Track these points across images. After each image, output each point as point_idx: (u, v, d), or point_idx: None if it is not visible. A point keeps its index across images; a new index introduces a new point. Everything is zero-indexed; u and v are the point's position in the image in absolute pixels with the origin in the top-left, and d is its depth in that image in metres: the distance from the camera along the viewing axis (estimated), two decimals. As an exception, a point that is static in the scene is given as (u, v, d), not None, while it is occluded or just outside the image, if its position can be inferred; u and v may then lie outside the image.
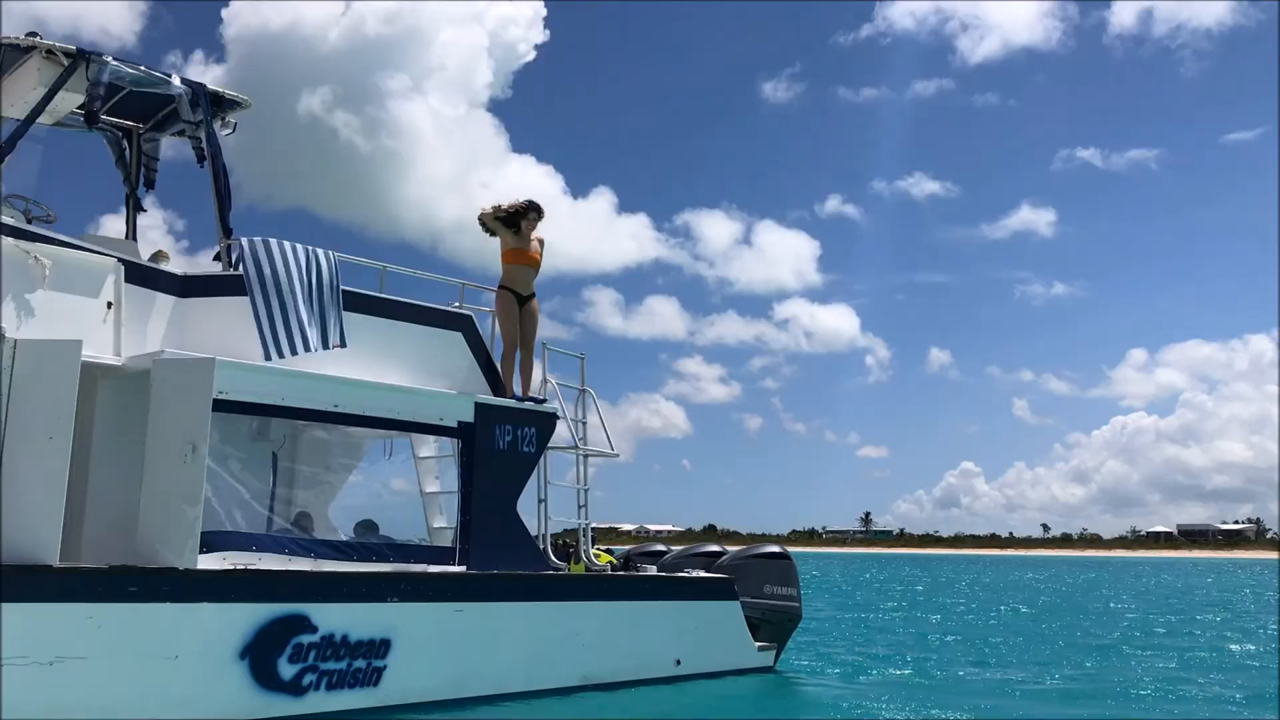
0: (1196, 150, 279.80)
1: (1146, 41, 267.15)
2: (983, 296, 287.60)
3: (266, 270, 9.57)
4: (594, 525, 12.58)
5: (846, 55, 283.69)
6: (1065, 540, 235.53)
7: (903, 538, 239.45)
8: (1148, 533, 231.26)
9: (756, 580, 13.17)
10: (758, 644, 12.93)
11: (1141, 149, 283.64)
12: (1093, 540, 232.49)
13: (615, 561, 13.05)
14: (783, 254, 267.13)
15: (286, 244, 9.80)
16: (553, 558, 11.76)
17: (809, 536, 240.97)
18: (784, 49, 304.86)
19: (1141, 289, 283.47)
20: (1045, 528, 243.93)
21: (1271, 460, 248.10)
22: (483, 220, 11.71)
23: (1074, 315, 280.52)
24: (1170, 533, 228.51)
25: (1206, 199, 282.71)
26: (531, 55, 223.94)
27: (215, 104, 10.62)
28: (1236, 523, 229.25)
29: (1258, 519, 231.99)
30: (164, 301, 9.55)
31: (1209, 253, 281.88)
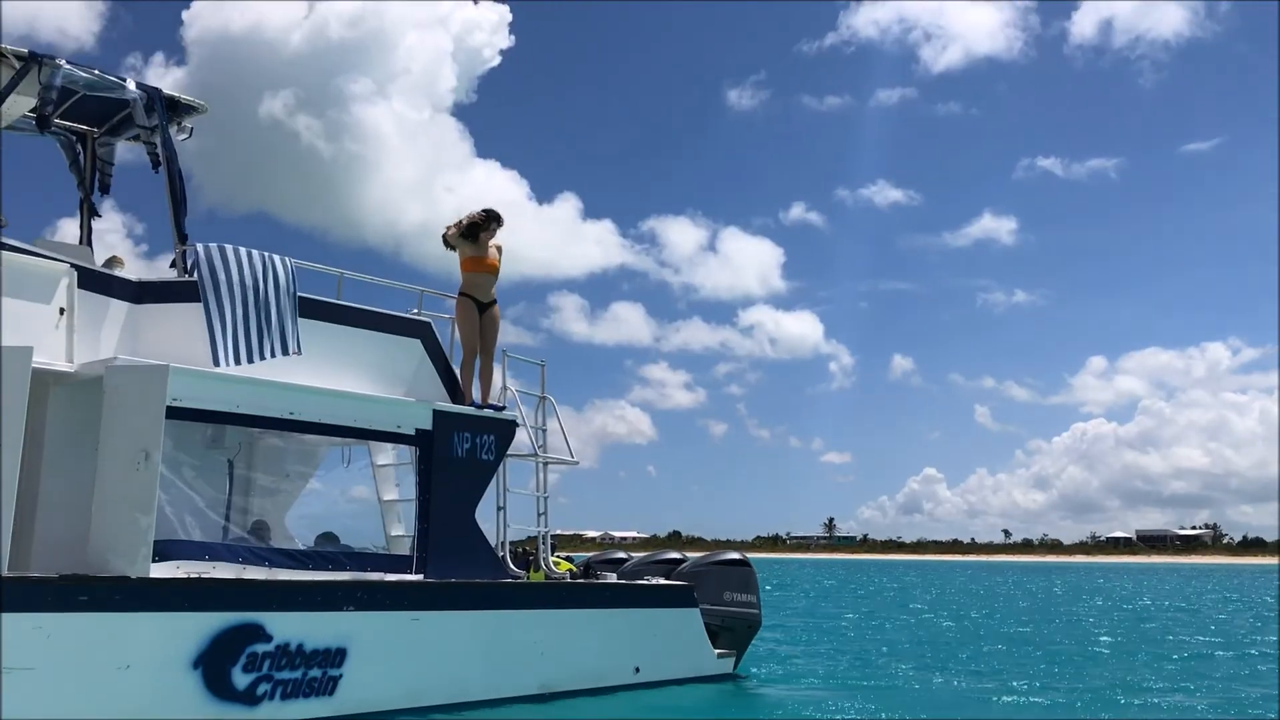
0: (1154, 160, 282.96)
1: (1106, 52, 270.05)
2: (945, 304, 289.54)
3: (221, 276, 9.50)
4: (558, 532, 12.58)
5: (810, 63, 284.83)
6: (1026, 546, 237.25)
7: (866, 544, 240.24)
8: (1107, 538, 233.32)
9: (716, 587, 13.19)
10: (717, 651, 12.94)
11: (1101, 158, 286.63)
12: (1053, 546, 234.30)
13: (575, 569, 13.04)
14: (747, 261, 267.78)
15: (242, 250, 9.74)
16: (512, 566, 11.73)
17: (773, 543, 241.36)
18: (748, 56, 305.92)
19: (1101, 297, 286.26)
20: (1007, 533, 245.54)
21: (1228, 466, 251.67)
22: (447, 239, 11.70)
23: (1035, 323, 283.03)
24: (1129, 538, 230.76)
25: (1164, 208, 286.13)
26: (496, 60, 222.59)
27: (171, 109, 10.53)
28: (1194, 528, 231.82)
29: (1214, 524, 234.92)
30: (118, 308, 9.45)
31: (1167, 261, 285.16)
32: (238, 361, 9.42)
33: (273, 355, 9.70)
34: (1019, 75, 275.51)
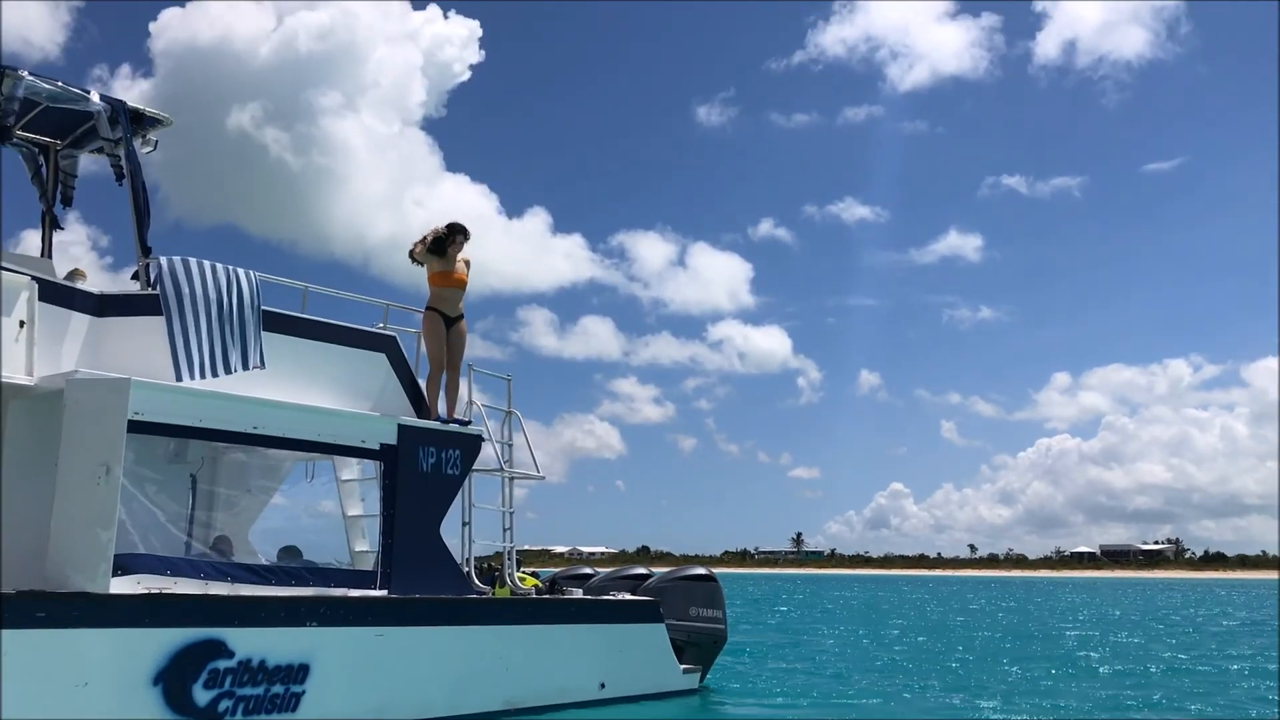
0: (1117, 179, 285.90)
1: (1070, 72, 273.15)
2: (911, 320, 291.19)
3: (185, 290, 9.44)
4: (526, 548, 12.57)
5: (779, 81, 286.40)
6: (992, 561, 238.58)
7: (834, 558, 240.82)
8: (1072, 553, 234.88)
9: (682, 602, 13.21)
10: (683, 666, 12.95)
11: (1065, 177, 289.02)
12: (1019, 561, 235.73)
13: (540, 585, 13.02)
14: (716, 276, 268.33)
15: (206, 263, 9.68)
16: (477, 581, 11.69)
17: (741, 557, 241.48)
18: (718, 73, 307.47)
19: (1065, 314, 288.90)
20: (973, 548, 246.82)
21: (1190, 482, 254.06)
22: (413, 256, 11.69)
23: (1000, 339, 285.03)
24: (1093, 553, 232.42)
25: (1127, 227, 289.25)
26: (467, 75, 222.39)
27: (136, 121, 10.46)
28: (1156, 543, 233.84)
29: (1177, 539, 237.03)
30: (79, 321, 9.37)
31: (1129, 279, 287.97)
32: (201, 375, 9.36)
33: (236, 369, 9.64)
34: (984, 95, 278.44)
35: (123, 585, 8.46)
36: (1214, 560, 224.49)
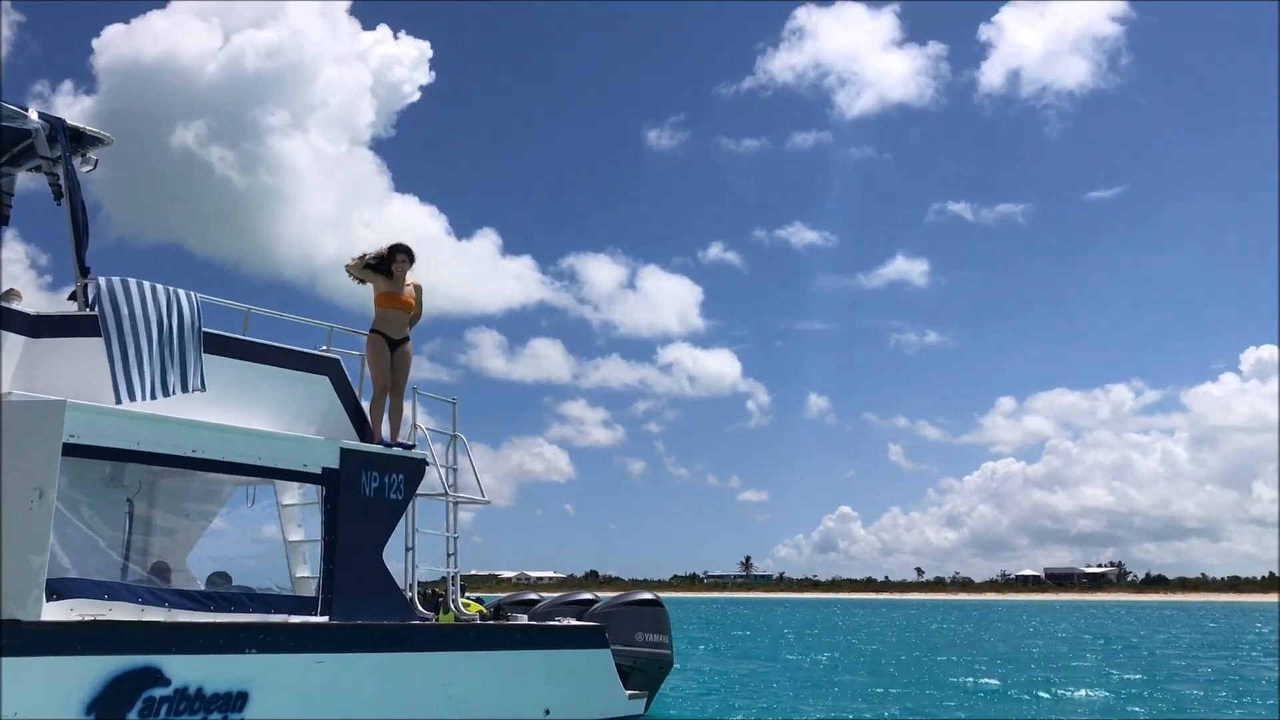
0: (1060, 206, 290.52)
1: (1014, 101, 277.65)
2: (859, 344, 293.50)
3: (124, 310, 9.30)
4: (473, 573, 12.53)
5: (728, 106, 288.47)
6: (939, 584, 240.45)
7: (782, 582, 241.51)
8: (1017, 576, 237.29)
9: (629, 627, 13.16)
10: (629, 691, 12.89)
11: (1009, 204, 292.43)
12: (965, 584, 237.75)
13: (485, 611, 12.91)
14: (666, 299, 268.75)
15: (146, 284, 9.55)
16: (420, 607, 11.58)
17: (690, 581, 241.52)
18: (667, 98, 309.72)
19: (1009, 338, 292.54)
20: (919, 571, 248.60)
21: (1132, 505, 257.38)
22: (350, 271, 11.59)
23: (946, 363, 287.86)
24: (1038, 576, 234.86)
25: (1070, 253, 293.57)
26: (416, 96, 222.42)
27: (75, 140, 10.30)
28: (1100, 566, 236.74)
29: (1119, 562, 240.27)
30: (13, 341, 9.17)
31: (1072, 305, 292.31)
32: (140, 397, 9.20)
33: (176, 391, 9.49)
34: (931, 122, 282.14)
35: (56, 611, 8.28)
36: (1155, 583, 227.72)
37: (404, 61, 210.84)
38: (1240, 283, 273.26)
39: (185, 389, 9.57)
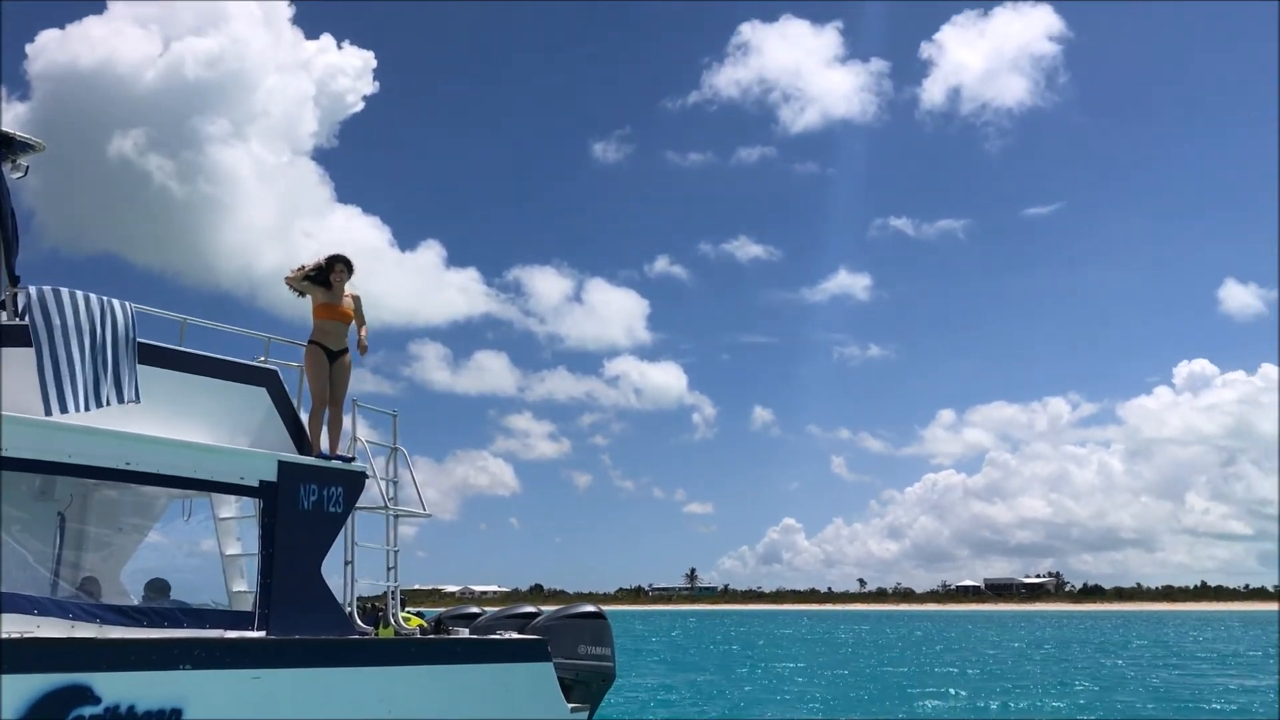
0: (999, 222, 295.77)
1: (955, 118, 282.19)
2: (803, 357, 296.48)
3: (55, 320, 9.12)
4: (417, 587, 12.51)
5: (674, 120, 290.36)
6: (881, 595, 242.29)
7: (727, 594, 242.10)
8: (957, 586, 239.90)
9: (571, 640, 13.10)
10: (571, 705, 12.82)
11: (950, 219, 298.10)
12: (906, 594, 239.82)
13: (426, 625, 12.79)
14: (613, 312, 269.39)
15: (79, 293, 9.38)
16: (359, 622, 11.45)
17: (635, 594, 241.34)
18: (614, 111, 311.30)
19: (949, 352, 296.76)
20: (862, 582, 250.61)
21: (1069, 516, 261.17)
22: (290, 283, 11.49)
23: (888, 376, 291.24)
24: (978, 586, 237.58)
25: (1009, 269, 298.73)
26: (360, 106, 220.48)
27: (5, 146, 10.11)
28: (1038, 576, 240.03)
29: (1057, 573, 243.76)
30: (-61, 352, 8.98)
31: (1011, 319, 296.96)
32: (72, 409, 9.03)
33: (110, 403, 9.33)
34: (873, 138, 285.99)
35: (-19, 629, 8.08)
36: (1093, 593, 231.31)
37: (348, 71, 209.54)
38: (1172, 298, 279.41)
39: (119, 400, 9.41)
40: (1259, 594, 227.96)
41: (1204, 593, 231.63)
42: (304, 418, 11.30)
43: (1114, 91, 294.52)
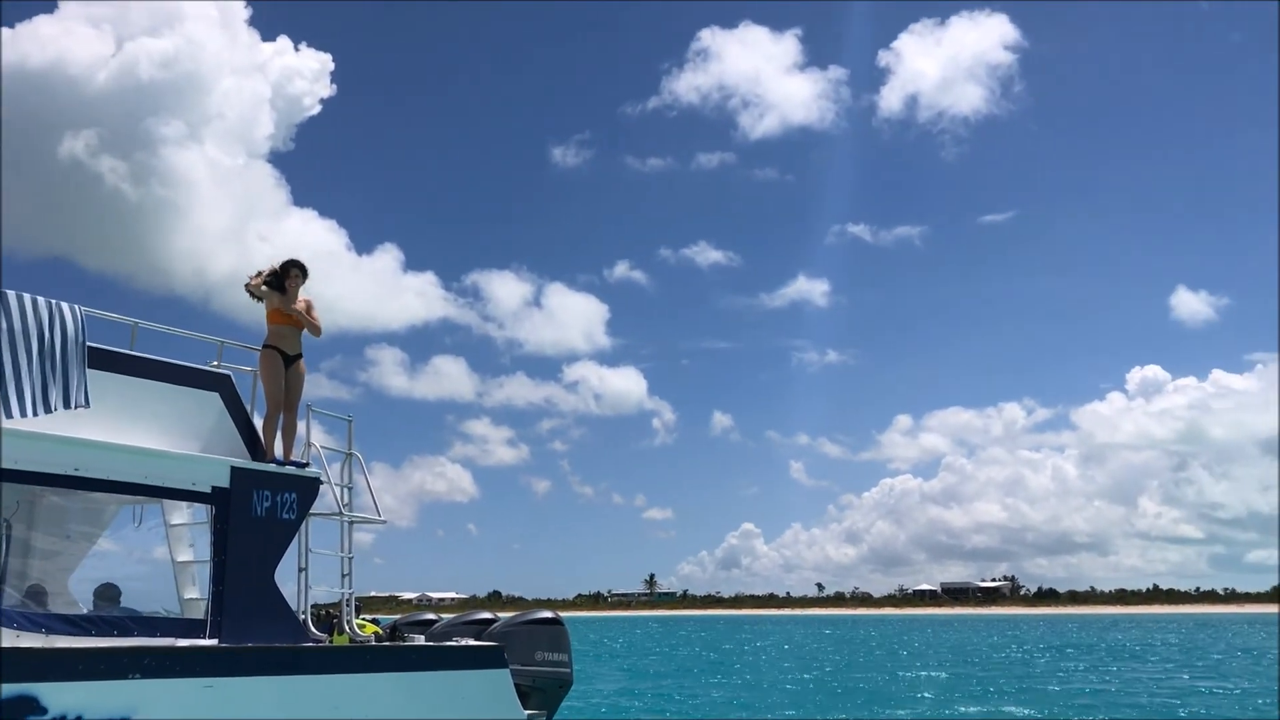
0: (956, 229, 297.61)
1: (912, 126, 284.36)
2: (762, 363, 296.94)
3: (2, 324, 8.98)
4: (373, 594, 12.38)
5: (634, 125, 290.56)
6: (839, 599, 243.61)
7: (686, 599, 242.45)
8: (914, 590, 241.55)
9: (527, 647, 13.05)
10: (528, 711, 12.76)
11: (907, 226, 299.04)
12: (864, 599, 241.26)
13: (381, 632, 12.70)
14: (572, 317, 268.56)
15: (26, 296, 9.24)
16: (313, 629, 11.35)
17: (594, 600, 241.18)
18: (573, 116, 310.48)
19: (906, 358, 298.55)
20: (820, 587, 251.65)
21: (1024, 521, 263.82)
22: (250, 290, 11.41)
23: (846, 382, 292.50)
24: (935, 590, 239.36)
25: (965, 276, 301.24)
26: (317, 109, 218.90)
27: (-49, 147, 9.96)
28: (994, 580, 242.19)
29: (1012, 576, 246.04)
30: (-118, 356, 8.80)
31: (967, 325, 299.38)
32: (19, 414, 8.90)
33: (58, 408, 9.19)
34: (831, 145, 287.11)
35: (-77, 639, 7.92)
36: (1047, 596, 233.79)
37: (304, 74, 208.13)
38: (1125, 305, 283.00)
39: (68, 405, 9.28)
40: (1210, 597, 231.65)
41: (1156, 596, 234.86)
42: (258, 423, 11.19)
43: (1068, 100, 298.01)
